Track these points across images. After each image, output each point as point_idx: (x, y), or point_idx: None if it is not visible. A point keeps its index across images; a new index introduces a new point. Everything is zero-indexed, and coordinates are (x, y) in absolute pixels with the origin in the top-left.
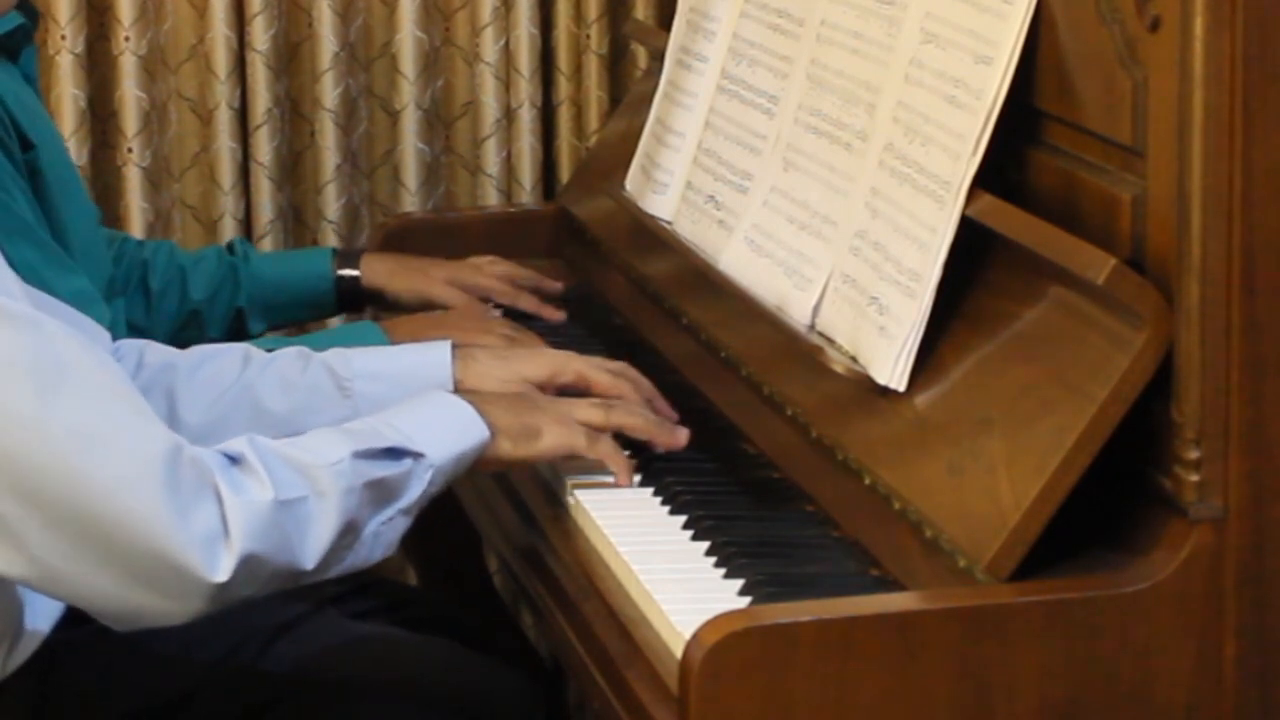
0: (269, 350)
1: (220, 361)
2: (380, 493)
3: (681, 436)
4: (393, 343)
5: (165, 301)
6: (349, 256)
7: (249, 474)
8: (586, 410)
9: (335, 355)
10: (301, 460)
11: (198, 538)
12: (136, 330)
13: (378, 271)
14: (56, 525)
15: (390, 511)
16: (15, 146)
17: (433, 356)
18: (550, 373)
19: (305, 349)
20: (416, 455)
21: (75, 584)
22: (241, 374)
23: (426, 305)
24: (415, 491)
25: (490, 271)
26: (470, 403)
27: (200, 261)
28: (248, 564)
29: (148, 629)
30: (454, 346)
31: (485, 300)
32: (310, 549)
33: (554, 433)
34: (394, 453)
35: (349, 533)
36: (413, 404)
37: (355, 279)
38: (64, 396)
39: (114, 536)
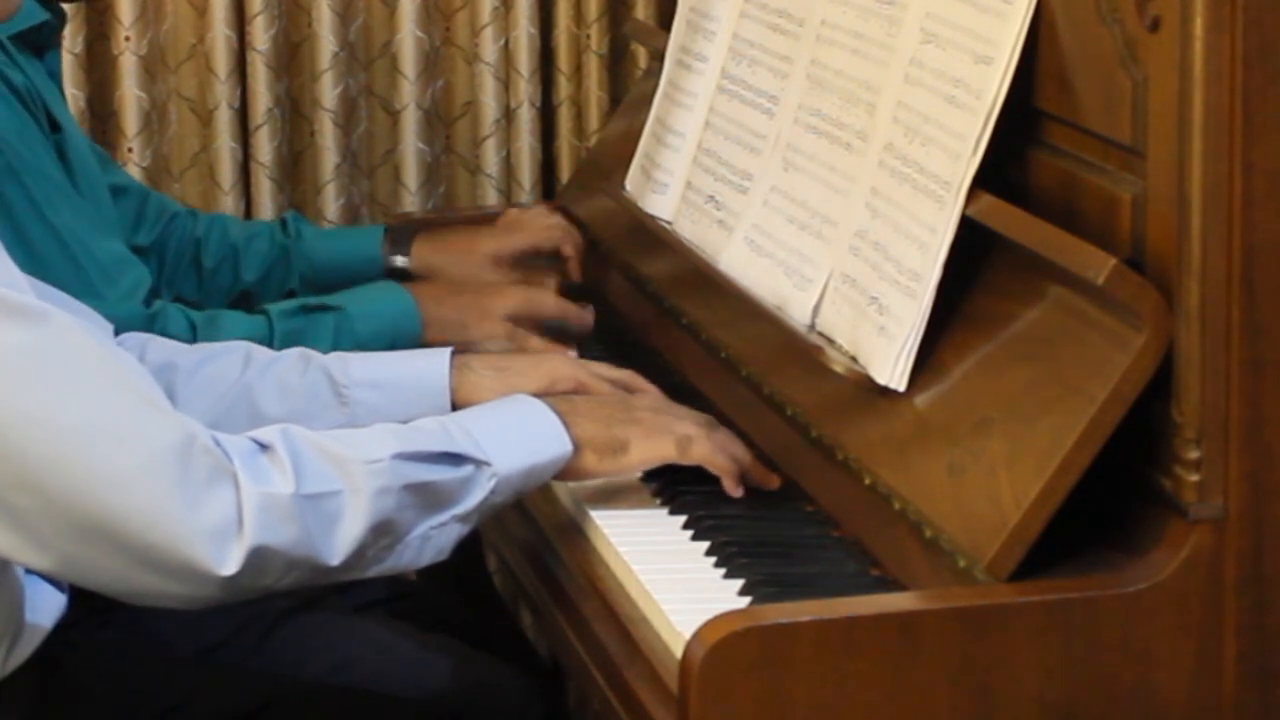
0: (293, 311)
1: (221, 362)
2: (429, 497)
3: (739, 490)
4: (418, 303)
5: (217, 279)
6: (399, 240)
7: (274, 463)
8: (683, 422)
9: (335, 360)
10: (339, 454)
11: (206, 530)
12: (187, 305)
13: (429, 263)
14: (68, 517)
15: (443, 517)
16: (46, 127)
17: (430, 367)
18: (547, 383)
19: (308, 351)
20: (480, 463)
21: (91, 571)
22: (241, 376)
23: None
24: (474, 499)
25: (538, 224)
26: (558, 414)
27: (253, 240)
28: (259, 555)
29: (153, 612)
30: (452, 355)
31: (538, 255)
32: (337, 545)
33: (642, 445)
34: (452, 457)
35: (386, 533)
36: (496, 409)
37: (406, 267)
38: (72, 390)
39: (124, 528)
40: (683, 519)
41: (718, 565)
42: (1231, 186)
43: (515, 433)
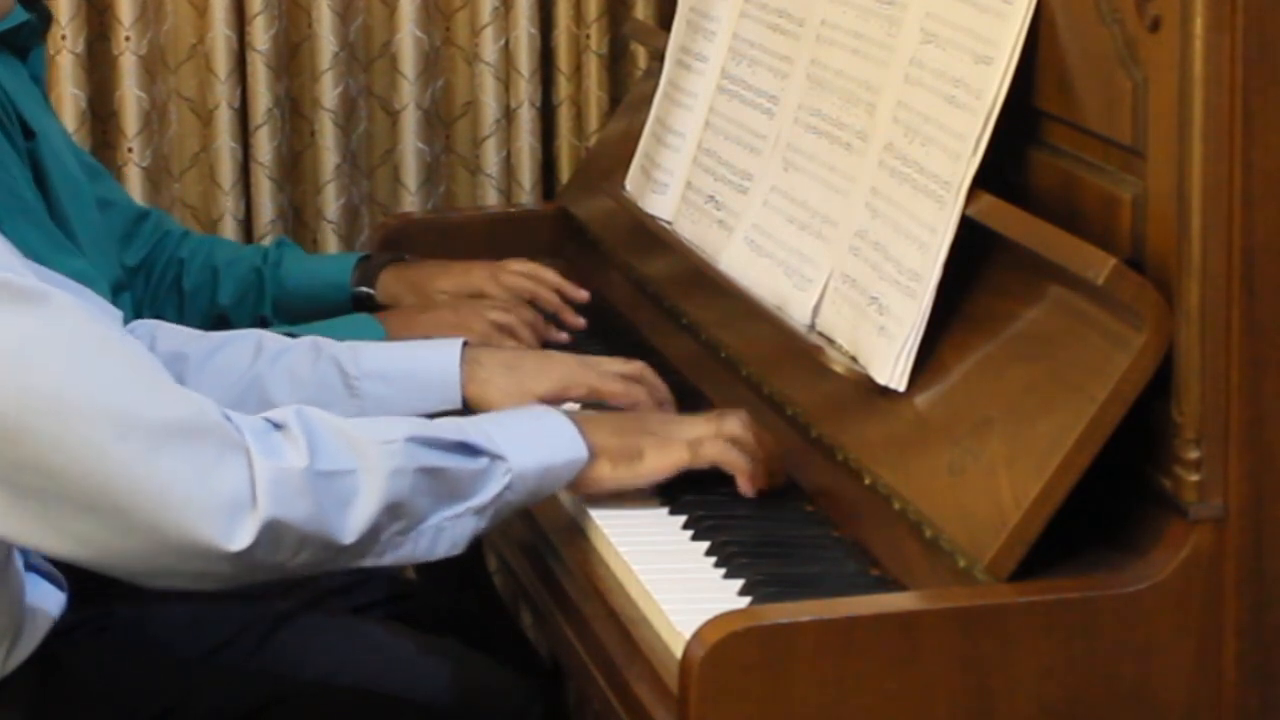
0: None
1: (231, 351)
2: (443, 484)
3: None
4: (388, 333)
5: (196, 302)
6: (369, 271)
7: (288, 439)
8: (696, 426)
9: (346, 350)
10: (352, 434)
11: (218, 503)
12: None
13: (390, 293)
14: (80, 497)
15: (459, 508)
16: (18, 134)
17: (441, 361)
18: (560, 388)
19: (319, 340)
20: (494, 456)
21: (105, 552)
22: (252, 365)
23: None
24: (489, 492)
25: (503, 282)
26: (573, 421)
27: (234, 264)
28: (273, 529)
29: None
30: (463, 348)
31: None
32: (350, 523)
33: (655, 454)
34: (466, 448)
35: (400, 517)
36: (511, 412)
37: (371, 296)
38: (78, 369)
39: (136, 505)
40: (683, 519)
41: (718, 565)
42: (1231, 186)
43: (531, 434)
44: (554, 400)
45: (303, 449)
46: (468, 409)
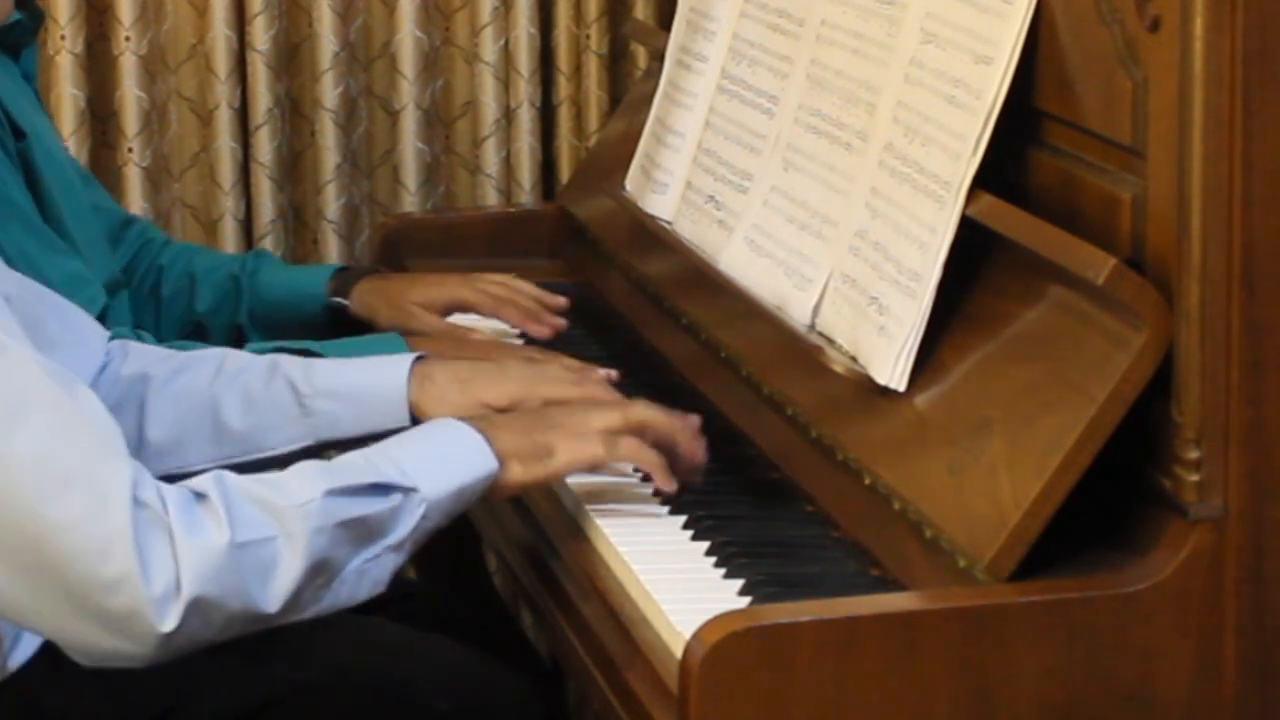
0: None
1: (193, 374)
2: (361, 530)
3: (700, 447)
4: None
5: (173, 308)
6: (344, 283)
7: (209, 514)
8: (603, 415)
9: (300, 368)
10: (270, 500)
11: (150, 581)
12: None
13: (365, 305)
14: (14, 557)
15: (376, 549)
16: (8, 136)
17: (390, 378)
18: (512, 400)
19: (278, 358)
20: (407, 490)
21: (34, 615)
22: (210, 386)
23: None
24: (405, 527)
25: (478, 286)
26: (479, 431)
27: (212, 272)
28: (197, 609)
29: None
30: (414, 362)
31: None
32: (273, 592)
33: (568, 448)
34: (380, 488)
35: (321, 573)
36: (418, 433)
37: (346, 307)
38: (26, 428)
39: (68, 572)
40: (683, 519)
41: (718, 565)
42: (1231, 186)
43: (440, 456)
44: (506, 412)
45: (223, 522)
46: (419, 424)
